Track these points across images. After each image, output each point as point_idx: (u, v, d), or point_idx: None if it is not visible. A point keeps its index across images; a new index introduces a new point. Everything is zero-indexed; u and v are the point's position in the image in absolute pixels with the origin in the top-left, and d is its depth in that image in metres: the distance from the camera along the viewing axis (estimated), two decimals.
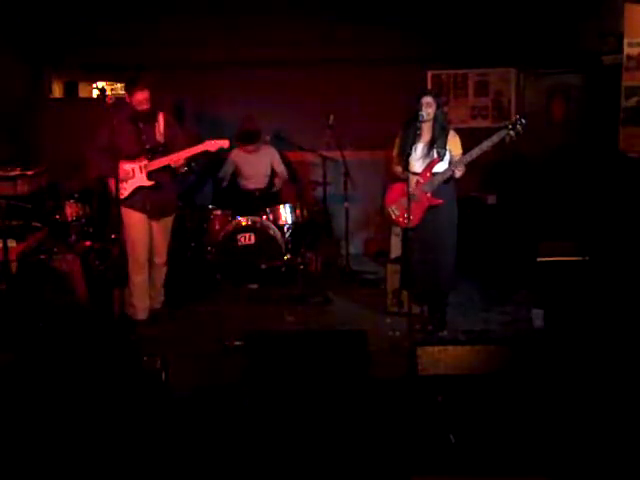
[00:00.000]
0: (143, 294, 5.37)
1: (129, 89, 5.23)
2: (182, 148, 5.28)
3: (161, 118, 5.33)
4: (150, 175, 5.23)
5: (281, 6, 7.10)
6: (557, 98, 7.42)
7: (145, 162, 5.22)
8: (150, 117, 5.27)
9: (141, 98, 5.15)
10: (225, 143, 5.29)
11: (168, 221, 5.49)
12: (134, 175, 5.23)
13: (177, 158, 5.21)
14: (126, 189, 5.23)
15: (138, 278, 5.32)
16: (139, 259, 5.31)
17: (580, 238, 5.39)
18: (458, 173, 4.85)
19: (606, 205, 6.16)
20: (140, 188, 5.24)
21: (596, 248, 5.11)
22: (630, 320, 4.38)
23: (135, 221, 5.29)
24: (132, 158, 5.21)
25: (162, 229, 5.43)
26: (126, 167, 5.20)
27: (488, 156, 4.87)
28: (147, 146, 5.24)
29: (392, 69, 7.20)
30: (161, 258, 5.47)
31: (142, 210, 5.28)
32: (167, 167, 5.24)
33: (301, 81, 7.30)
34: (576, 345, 3.68)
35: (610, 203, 6.12)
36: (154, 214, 5.33)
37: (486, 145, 4.77)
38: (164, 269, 5.55)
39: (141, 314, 5.36)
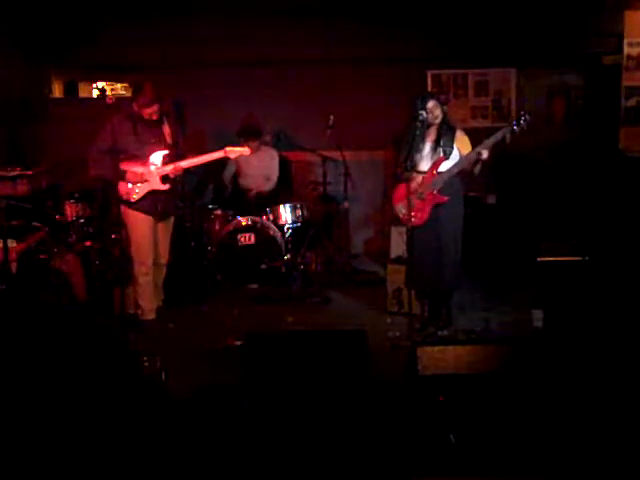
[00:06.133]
0: (151, 295, 5.34)
1: (137, 99, 5.06)
2: (183, 149, 5.23)
3: (165, 120, 5.24)
4: (164, 179, 5.14)
5: (281, 6, 7.09)
6: (557, 98, 7.42)
7: (157, 165, 5.12)
8: (158, 120, 5.17)
9: (151, 111, 5.05)
10: (246, 151, 5.27)
11: (170, 222, 5.47)
12: (147, 178, 5.11)
13: (196, 162, 5.16)
14: (138, 193, 5.13)
15: (144, 279, 5.27)
16: (146, 262, 5.25)
17: (580, 238, 5.39)
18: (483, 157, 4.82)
19: (606, 205, 6.17)
20: (153, 192, 5.15)
21: (596, 248, 5.11)
22: (630, 320, 4.38)
23: (142, 224, 5.21)
24: (142, 161, 5.11)
25: (166, 230, 5.41)
26: (137, 169, 5.10)
27: (488, 156, 4.87)
28: (157, 149, 5.13)
29: (392, 69, 7.20)
30: (164, 259, 5.45)
31: (151, 213, 5.20)
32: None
33: (301, 81, 7.30)
34: (576, 345, 3.68)
35: (610, 203, 6.13)
36: (162, 216, 5.29)
37: (491, 142, 4.78)
38: (164, 269, 5.52)
39: (150, 314, 5.34)
